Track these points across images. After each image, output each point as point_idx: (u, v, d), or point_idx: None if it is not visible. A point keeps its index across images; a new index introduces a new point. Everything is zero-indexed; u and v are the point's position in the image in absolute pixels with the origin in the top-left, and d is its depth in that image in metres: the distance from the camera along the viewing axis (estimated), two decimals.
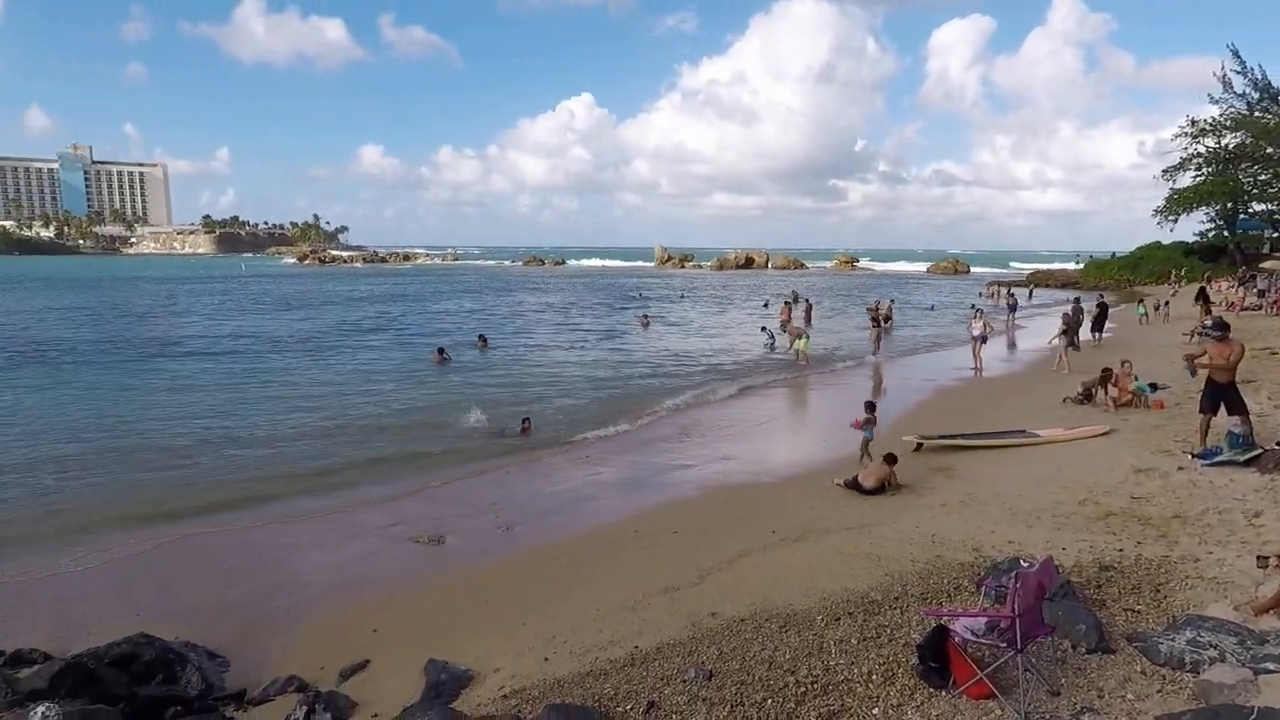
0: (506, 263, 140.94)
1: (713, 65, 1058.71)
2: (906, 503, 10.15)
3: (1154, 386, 15.51)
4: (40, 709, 4.90)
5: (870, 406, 12.81)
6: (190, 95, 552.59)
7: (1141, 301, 34.75)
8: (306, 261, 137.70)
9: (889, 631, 5.97)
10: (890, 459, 10.84)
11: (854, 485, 10.72)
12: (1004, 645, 4.96)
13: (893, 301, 39.90)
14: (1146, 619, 5.93)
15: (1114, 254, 70.23)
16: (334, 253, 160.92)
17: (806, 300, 39.66)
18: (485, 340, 28.41)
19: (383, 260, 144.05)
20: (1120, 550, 7.54)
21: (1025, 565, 5.80)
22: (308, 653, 6.84)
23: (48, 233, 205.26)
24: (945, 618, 5.49)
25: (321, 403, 17.90)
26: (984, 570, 7.04)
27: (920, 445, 13.03)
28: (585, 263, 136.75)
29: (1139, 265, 60.87)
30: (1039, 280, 66.37)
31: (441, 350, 24.16)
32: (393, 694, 5.97)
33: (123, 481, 12.01)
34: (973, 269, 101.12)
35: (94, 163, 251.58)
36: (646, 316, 37.80)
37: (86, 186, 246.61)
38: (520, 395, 18.85)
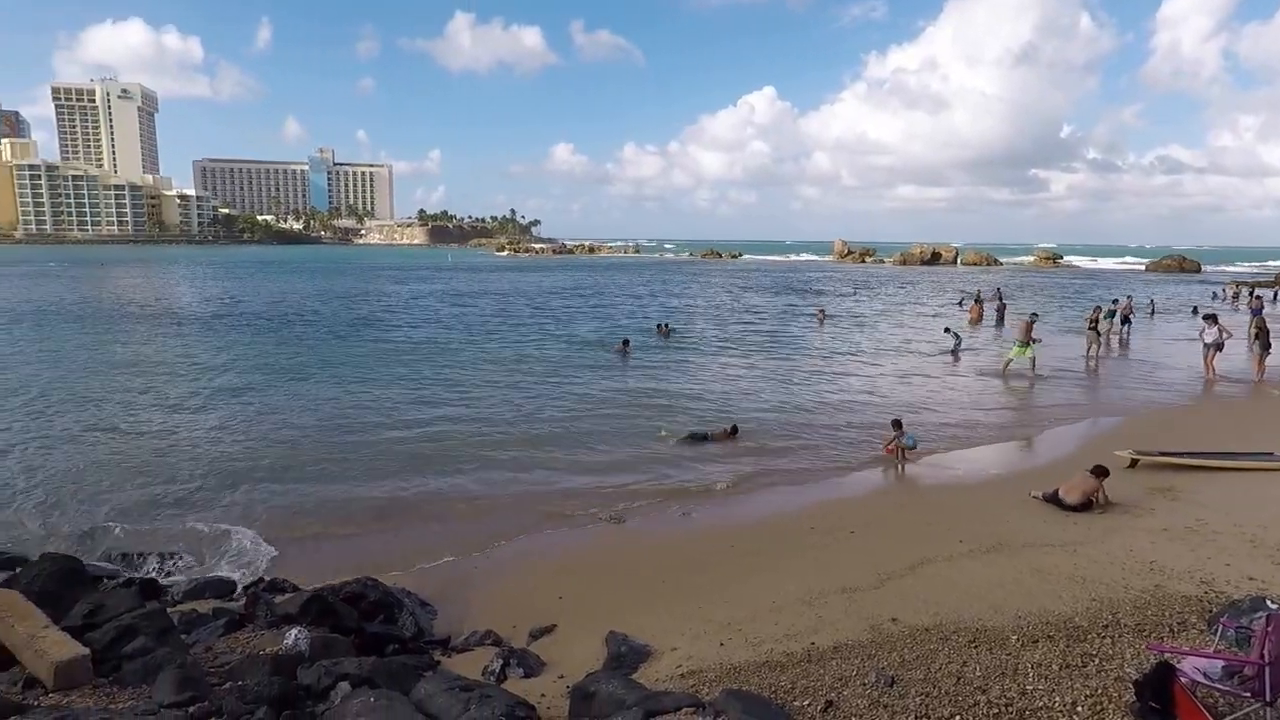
0: (684, 255, 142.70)
1: (901, 52, 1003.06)
2: (1118, 523, 9.18)
3: None
4: (294, 631, 5.77)
5: (897, 424, 12.93)
6: (408, 103, 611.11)
7: None
8: (505, 253, 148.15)
9: (1097, 662, 5.47)
10: (1100, 471, 9.84)
11: (1054, 499, 9.87)
12: (1247, 695, 4.38)
13: (1130, 298, 34.93)
14: None
15: None
16: (528, 245, 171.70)
17: (1000, 299, 36.65)
18: (667, 328, 29.09)
19: (570, 252, 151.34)
20: None
21: (1275, 607, 5.07)
22: (502, 611, 7.46)
23: (297, 225, 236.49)
24: (1172, 655, 4.94)
25: (509, 389, 19.23)
26: (1219, 608, 6.23)
27: (1136, 461, 11.71)
28: (761, 256, 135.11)
29: None
30: None
31: (626, 342, 25.04)
32: (577, 659, 6.36)
33: (363, 443, 13.65)
34: (1204, 267, 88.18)
35: (335, 164, 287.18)
36: (823, 311, 36.73)
37: (328, 185, 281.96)
38: (702, 391, 19.10)
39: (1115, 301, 32.25)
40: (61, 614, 6.38)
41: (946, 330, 26.62)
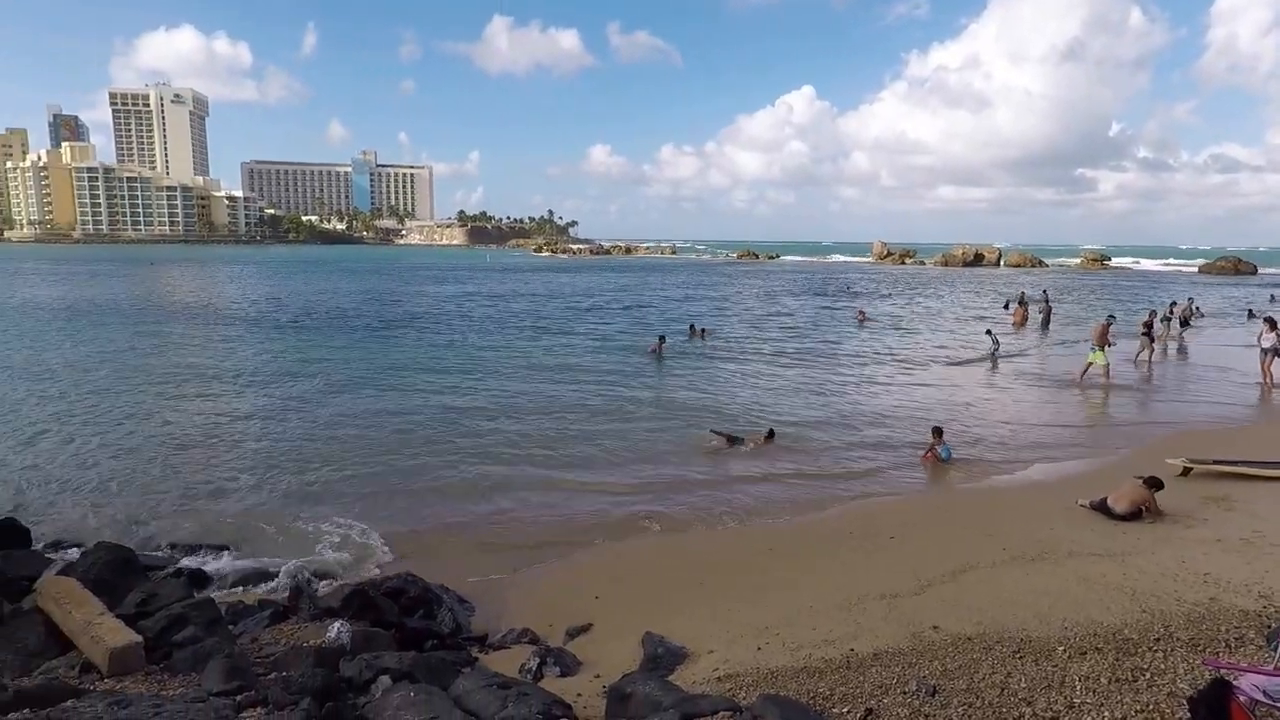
0: (721, 255, 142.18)
1: (943, 50, 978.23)
2: (1169, 534, 8.89)
3: None
4: (336, 625, 5.88)
5: (937, 432, 12.78)
6: (448, 105, 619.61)
7: None
8: (543, 253, 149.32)
9: (1148, 676, 5.30)
10: (1153, 483, 9.55)
11: (1102, 507, 9.61)
12: None
13: (1192, 300, 33.40)
14: None
15: None
16: (565, 245, 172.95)
17: (1046, 302, 35.80)
18: (700, 329, 29.02)
19: (606, 253, 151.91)
20: None
21: None
22: (539, 610, 7.51)
23: (340, 225, 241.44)
24: (1228, 671, 4.77)
25: (555, 386, 19.36)
26: (1279, 623, 6.00)
27: (1188, 469, 11.34)
28: (799, 257, 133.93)
29: None
30: None
31: (662, 339, 25.03)
32: (613, 659, 6.37)
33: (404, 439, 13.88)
34: (1261, 269, 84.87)
35: (377, 166, 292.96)
36: (863, 313, 36.26)
37: (371, 186, 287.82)
38: (736, 394, 19.01)
39: (1173, 304, 31.21)
40: (115, 602, 6.60)
41: (988, 333, 26.10)
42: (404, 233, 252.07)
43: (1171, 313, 29.28)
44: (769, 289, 58.47)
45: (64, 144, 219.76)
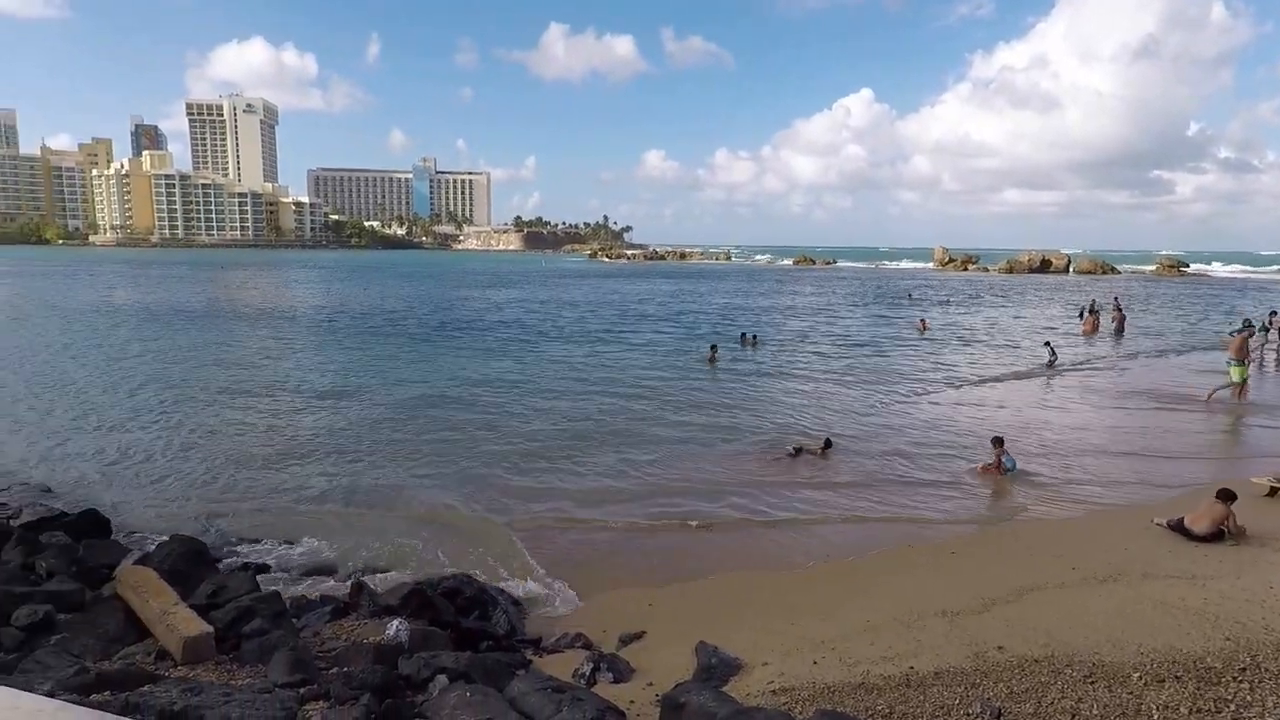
0: (778, 261, 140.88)
1: (1009, 50, 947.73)
2: (1255, 556, 8.42)
3: None
4: (395, 623, 5.99)
5: (998, 441, 12.33)
6: (505, 112, 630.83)
7: None
8: (597, 259, 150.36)
9: (1232, 708, 5.02)
10: (1225, 495, 9.02)
11: (1179, 528, 9.15)
12: None
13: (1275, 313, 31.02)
14: None
15: None
16: (620, 250, 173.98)
17: (1118, 310, 34.36)
18: (751, 338, 28.78)
19: (661, 258, 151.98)
20: None
21: None
22: (592, 615, 7.53)
23: (401, 231, 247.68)
24: None
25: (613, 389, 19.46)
26: None
27: (1276, 490, 10.72)
28: (857, 263, 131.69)
29: None
30: None
31: (714, 348, 24.90)
32: (666, 667, 6.33)
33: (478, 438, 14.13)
34: None
35: (437, 173, 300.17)
36: (924, 321, 35.40)
37: (430, 193, 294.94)
38: (790, 404, 18.79)
39: (1272, 314, 29.39)
40: (188, 592, 6.87)
41: (1046, 344, 25.17)
42: (462, 238, 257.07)
43: (1270, 322, 27.62)
44: (825, 296, 57.66)
45: (144, 152, 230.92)
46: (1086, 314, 35.57)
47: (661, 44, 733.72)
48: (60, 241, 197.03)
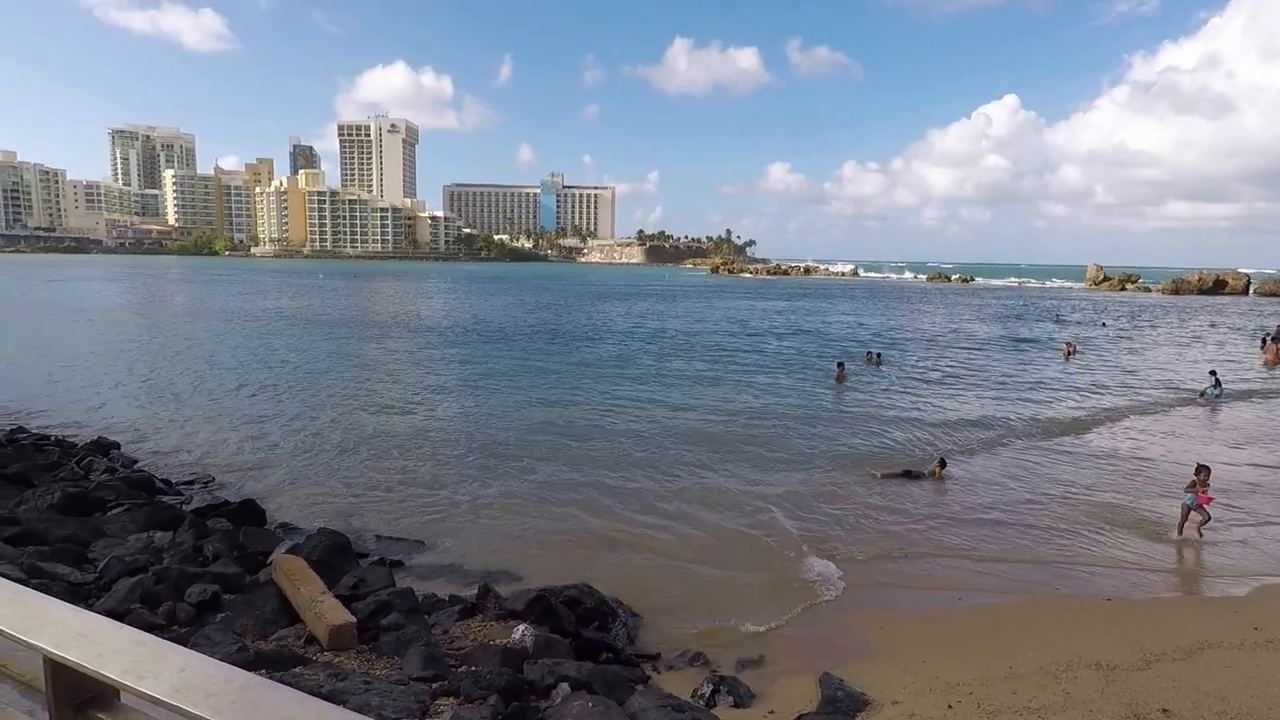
0: (909, 278, 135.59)
1: (1176, 50, 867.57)
2: None
3: None
4: (521, 628, 6.13)
5: (1201, 470, 10.56)
6: (629, 127, 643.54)
7: None
8: (719, 274, 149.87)
9: None
10: None
11: None
12: None
13: None
14: None
15: None
16: (742, 265, 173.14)
17: None
18: (876, 356, 27.81)
19: (784, 273, 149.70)
20: None
21: None
22: (709, 634, 7.41)
23: (528, 244, 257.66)
24: None
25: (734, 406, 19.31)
26: None
27: None
28: (997, 281, 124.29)
29: None
30: None
31: (841, 365, 24.20)
32: (787, 696, 6.14)
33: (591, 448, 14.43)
34: None
35: (564, 188, 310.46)
36: (1071, 345, 32.85)
37: (557, 207, 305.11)
38: (912, 424, 17.96)
39: None
40: (332, 582, 7.32)
41: (1211, 373, 22.67)
42: (586, 251, 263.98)
43: None
44: (959, 315, 54.81)
45: (300, 171, 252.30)
46: (1269, 342, 31.92)
47: (786, 55, 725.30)
48: (227, 253, 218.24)
